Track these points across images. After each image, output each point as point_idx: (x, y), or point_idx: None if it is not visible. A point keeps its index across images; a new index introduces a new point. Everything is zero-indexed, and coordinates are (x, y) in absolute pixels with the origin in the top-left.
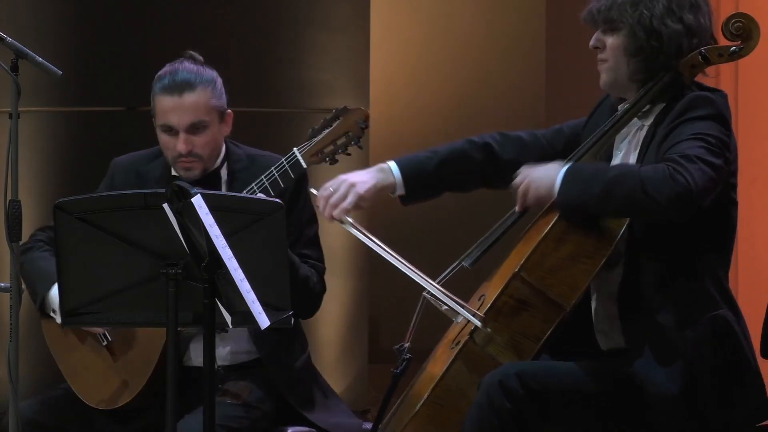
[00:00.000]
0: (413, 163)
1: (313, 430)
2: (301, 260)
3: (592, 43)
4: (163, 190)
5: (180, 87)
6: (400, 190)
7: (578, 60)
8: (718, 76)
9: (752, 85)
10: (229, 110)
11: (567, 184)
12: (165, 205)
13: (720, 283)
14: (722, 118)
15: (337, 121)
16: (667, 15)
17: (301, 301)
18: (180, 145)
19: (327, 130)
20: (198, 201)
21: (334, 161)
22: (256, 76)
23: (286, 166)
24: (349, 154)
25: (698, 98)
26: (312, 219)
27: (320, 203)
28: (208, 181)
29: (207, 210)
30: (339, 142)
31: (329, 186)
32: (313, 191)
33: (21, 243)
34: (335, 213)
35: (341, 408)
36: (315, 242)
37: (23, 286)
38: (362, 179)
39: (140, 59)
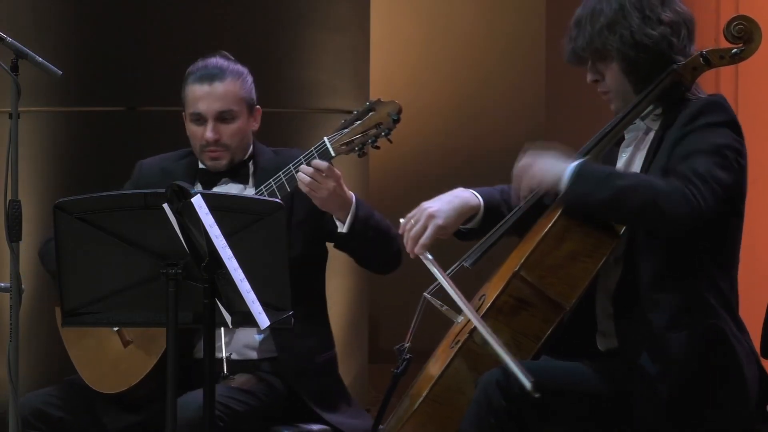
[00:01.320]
0: (485, 191)
1: (324, 426)
2: None
3: (589, 78)
4: (163, 190)
5: (210, 76)
6: (478, 220)
7: None
8: (718, 78)
9: (752, 86)
10: (258, 106)
11: (576, 181)
12: (165, 205)
13: (719, 290)
14: (735, 124)
15: (370, 113)
16: (646, 24)
17: (387, 248)
18: (208, 132)
19: (359, 122)
20: (198, 201)
21: (362, 153)
22: (256, 76)
23: (315, 154)
24: (378, 147)
25: (711, 103)
26: None
27: (403, 235)
28: (236, 172)
29: (207, 210)
30: (370, 134)
31: (410, 216)
32: (401, 220)
33: (43, 240)
34: (416, 249)
35: (357, 410)
36: None
37: (23, 286)
38: (442, 208)
39: (140, 59)
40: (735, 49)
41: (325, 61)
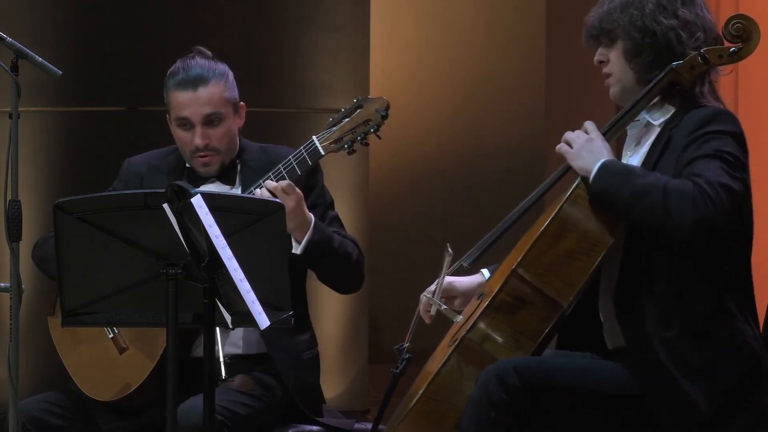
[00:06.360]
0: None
1: (315, 428)
2: None
3: (596, 58)
4: (163, 190)
5: (194, 81)
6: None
7: (578, 60)
8: (718, 78)
9: (752, 86)
10: (242, 102)
11: (601, 176)
12: (165, 205)
13: (736, 293)
14: (742, 137)
15: (358, 110)
16: (659, 12)
17: (346, 272)
18: (197, 139)
19: (347, 119)
20: (198, 201)
21: (352, 151)
22: (256, 76)
23: (305, 153)
24: (367, 144)
25: (721, 113)
26: (332, 203)
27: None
28: (224, 173)
29: (207, 210)
30: (358, 131)
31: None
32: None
33: (41, 237)
34: (426, 297)
35: (335, 412)
36: (339, 220)
37: (23, 286)
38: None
39: (141, 59)
40: (733, 48)
41: (325, 61)
